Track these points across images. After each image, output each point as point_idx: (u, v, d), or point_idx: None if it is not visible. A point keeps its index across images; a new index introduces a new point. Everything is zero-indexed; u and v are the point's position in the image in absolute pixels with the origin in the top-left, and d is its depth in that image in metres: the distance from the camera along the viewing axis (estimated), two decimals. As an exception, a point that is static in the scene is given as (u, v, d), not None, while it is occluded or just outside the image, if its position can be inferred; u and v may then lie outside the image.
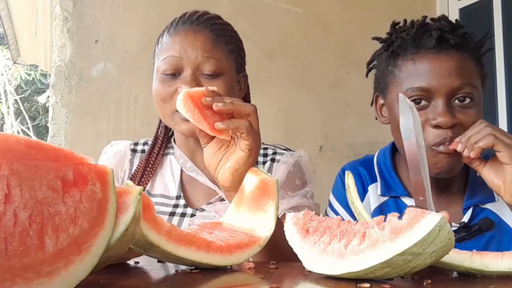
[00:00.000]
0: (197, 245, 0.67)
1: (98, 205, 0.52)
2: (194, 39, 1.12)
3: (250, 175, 0.85)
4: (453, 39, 1.04)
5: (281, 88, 2.72)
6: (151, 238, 0.62)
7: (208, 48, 1.11)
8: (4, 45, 8.78)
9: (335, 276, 0.62)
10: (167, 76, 1.12)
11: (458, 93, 1.02)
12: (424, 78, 1.03)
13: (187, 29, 1.14)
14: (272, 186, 0.81)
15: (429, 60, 1.04)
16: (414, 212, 0.58)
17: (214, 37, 1.13)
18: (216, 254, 0.69)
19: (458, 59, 1.03)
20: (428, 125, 1.02)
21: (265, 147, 1.26)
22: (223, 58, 1.13)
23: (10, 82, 9.71)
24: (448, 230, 0.57)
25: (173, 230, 0.65)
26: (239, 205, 0.84)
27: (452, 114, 1.01)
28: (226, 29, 1.20)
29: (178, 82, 1.10)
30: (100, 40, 2.57)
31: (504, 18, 2.66)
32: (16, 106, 9.79)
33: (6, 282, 0.43)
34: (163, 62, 1.12)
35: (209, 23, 1.16)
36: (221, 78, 1.12)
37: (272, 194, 0.81)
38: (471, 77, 1.04)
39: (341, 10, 2.82)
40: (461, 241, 1.05)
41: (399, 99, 0.86)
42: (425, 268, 0.60)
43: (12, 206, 0.47)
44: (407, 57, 1.07)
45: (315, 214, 0.72)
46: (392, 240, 0.58)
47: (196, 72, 1.11)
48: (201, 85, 1.09)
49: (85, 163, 0.54)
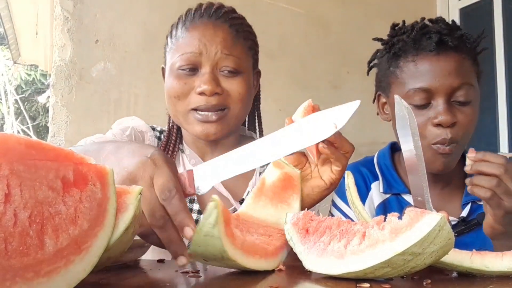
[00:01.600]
0: (259, 254, 0.67)
1: (98, 205, 0.52)
2: (214, 35, 1.06)
3: (272, 168, 0.83)
4: (451, 42, 1.09)
5: (281, 88, 2.72)
6: (230, 254, 0.61)
7: (228, 45, 1.06)
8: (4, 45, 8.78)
9: (335, 276, 0.62)
10: (184, 72, 1.06)
11: (457, 92, 1.07)
12: (425, 79, 1.08)
13: (206, 23, 1.08)
14: (296, 180, 0.80)
15: (429, 62, 1.09)
16: (414, 212, 0.58)
17: (233, 33, 1.08)
18: (268, 258, 0.68)
19: (456, 60, 1.09)
20: (430, 124, 1.07)
21: None
22: (242, 55, 1.09)
23: (10, 82, 9.71)
24: (448, 230, 0.57)
25: (244, 241, 0.64)
26: (258, 196, 0.81)
27: (452, 113, 1.06)
28: (244, 23, 1.15)
29: (196, 80, 1.05)
30: (100, 40, 2.57)
31: (504, 18, 2.66)
32: (16, 106, 9.79)
33: (6, 282, 0.43)
34: (179, 58, 1.06)
35: (228, 17, 1.10)
36: (240, 76, 1.07)
37: (296, 188, 0.80)
38: (469, 77, 1.09)
39: (341, 10, 2.82)
40: (460, 234, 1.10)
41: (395, 101, 0.87)
42: (425, 268, 0.60)
43: (12, 206, 0.47)
44: (408, 59, 1.12)
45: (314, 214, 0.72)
46: (392, 240, 0.57)
47: (215, 69, 1.05)
48: (220, 84, 1.05)
49: (85, 163, 0.54)
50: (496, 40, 2.66)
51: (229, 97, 1.06)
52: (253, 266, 0.65)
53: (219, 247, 0.59)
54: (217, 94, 1.04)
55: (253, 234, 0.72)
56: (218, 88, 1.04)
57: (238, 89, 1.07)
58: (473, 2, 2.81)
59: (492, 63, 2.64)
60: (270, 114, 2.73)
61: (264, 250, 0.68)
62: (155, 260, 0.83)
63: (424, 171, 0.87)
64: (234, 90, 1.06)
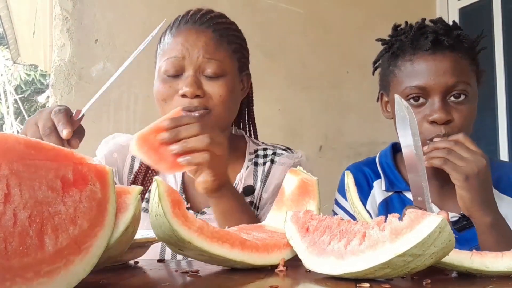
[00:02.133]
0: (230, 243, 0.66)
1: (98, 205, 0.52)
2: (196, 39, 1.11)
3: (290, 176, 0.84)
4: (447, 41, 1.11)
5: (281, 88, 2.72)
6: (182, 234, 0.61)
7: (210, 49, 1.11)
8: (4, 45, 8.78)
9: (334, 276, 0.62)
10: (169, 77, 1.11)
11: (453, 91, 1.10)
12: (421, 77, 1.11)
13: (190, 29, 1.13)
14: (312, 186, 0.81)
15: (425, 61, 1.12)
16: (415, 214, 0.58)
17: (216, 37, 1.12)
18: (251, 252, 0.68)
19: (452, 59, 1.11)
20: (425, 121, 1.10)
21: (265, 147, 1.26)
22: (225, 59, 1.13)
23: (10, 82, 9.70)
24: (448, 232, 0.57)
25: (205, 226, 0.64)
26: (280, 207, 0.83)
27: (447, 111, 1.09)
28: (230, 28, 1.19)
29: (180, 83, 1.10)
30: (100, 40, 2.57)
31: (504, 18, 2.66)
32: (16, 106, 9.78)
33: (6, 282, 0.43)
34: (165, 62, 1.11)
35: (212, 22, 1.14)
36: (222, 79, 1.11)
37: (312, 194, 0.80)
38: (465, 75, 1.11)
39: (341, 10, 2.82)
40: (462, 230, 1.11)
41: (395, 100, 0.90)
42: (425, 268, 0.60)
43: (11, 206, 0.47)
44: (405, 58, 1.15)
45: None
46: (392, 241, 0.57)
47: (198, 73, 1.10)
48: (202, 87, 1.09)
49: (85, 163, 0.54)
50: (496, 40, 2.66)
51: (211, 99, 1.10)
52: (221, 253, 0.64)
53: (168, 226, 0.61)
54: (199, 96, 1.09)
55: (250, 234, 0.72)
56: (199, 90, 1.08)
57: (220, 92, 1.10)
58: (473, 2, 2.81)
59: (491, 63, 2.64)
60: (270, 114, 2.75)
61: (240, 241, 0.67)
62: (155, 260, 0.83)
63: (424, 171, 0.88)
64: (216, 93, 1.10)
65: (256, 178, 1.21)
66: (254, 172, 1.21)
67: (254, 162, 1.23)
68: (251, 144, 1.27)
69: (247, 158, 1.24)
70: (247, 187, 1.19)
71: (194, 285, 0.61)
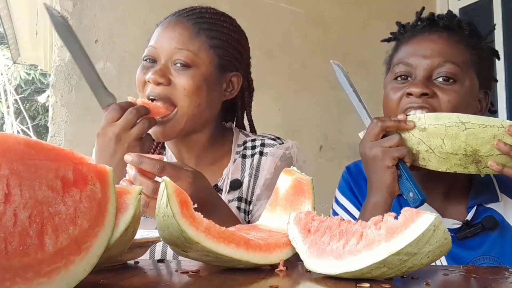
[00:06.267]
0: (236, 242, 0.66)
1: (98, 205, 0.52)
2: (172, 30, 1.11)
3: (284, 176, 0.84)
4: (443, 22, 1.09)
5: (281, 88, 2.72)
6: (190, 235, 0.61)
7: (183, 39, 1.10)
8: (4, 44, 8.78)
9: (334, 276, 0.62)
10: (146, 63, 1.13)
11: (439, 71, 1.05)
12: (409, 56, 1.09)
13: (171, 20, 1.14)
14: (307, 185, 0.80)
15: (419, 42, 1.10)
16: (410, 212, 0.59)
17: (194, 29, 1.11)
18: (255, 252, 0.68)
19: (446, 40, 1.08)
20: (404, 95, 1.06)
21: (254, 138, 1.23)
22: (200, 51, 1.10)
23: (10, 82, 9.71)
24: (443, 230, 0.57)
25: (211, 226, 0.64)
26: (274, 206, 0.83)
27: (425, 85, 1.03)
28: (217, 24, 1.16)
29: (152, 70, 1.10)
30: (100, 40, 2.57)
31: (504, 18, 2.66)
32: (16, 105, 9.78)
33: (6, 282, 0.43)
34: (145, 51, 1.14)
35: (197, 16, 1.13)
36: (191, 71, 1.09)
37: (307, 193, 0.80)
38: (457, 58, 1.06)
39: (341, 10, 2.82)
40: (464, 238, 1.07)
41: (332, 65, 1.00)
42: (425, 267, 0.60)
43: (12, 206, 0.47)
44: (404, 41, 1.13)
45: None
46: (388, 240, 0.58)
47: (169, 62, 1.10)
48: (168, 76, 1.08)
49: (85, 163, 0.54)
50: (496, 40, 2.66)
51: (175, 91, 1.09)
52: (227, 253, 0.64)
53: (177, 226, 0.60)
54: (162, 84, 1.08)
55: (249, 234, 0.72)
56: (162, 78, 1.08)
57: (184, 84, 1.08)
58: (473, 1, 2.81)
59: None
60: (270, 114, 2.75)
61: (245, 241, 0.67)
62: (155, 260, 0.83)
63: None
64: (180, 84, 1.08)
65: (244, 171, 1.18)
66: (242, 165, 1.19)
67: (242, 155, 1.20)
68: (240, 136, 1.24)
69: (235, 150, 1.21)
70: (234, 181, 1.16)
71: (194, 285, 0.61)
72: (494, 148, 0.94)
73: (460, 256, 1.06)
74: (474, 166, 0.96)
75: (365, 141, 1.02)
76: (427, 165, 1.00)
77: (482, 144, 0.93)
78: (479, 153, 0.94)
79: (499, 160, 0.95)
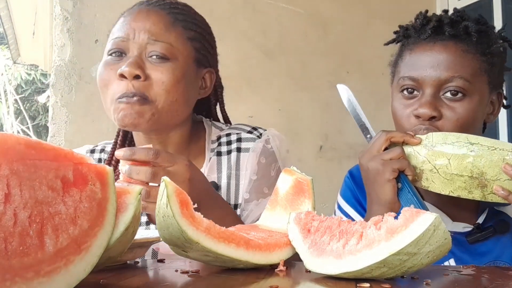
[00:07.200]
0: (236, 242, 0.66)
1: (98, 205, 0.52)
2: (145, 18, 1.01)
3: (284, 175, 0.83)
4: (448, 31, 1.03)
5: (281, 88, 2.72)
6: (191, 235, 0.61)
7: (158, 30, 1.00)
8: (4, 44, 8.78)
9: (334, 276, 0.62)
10: (111, 57, 1.01)
11: (447, 86, 1.00)
12: (415, 68, 1.03)
13: (141, 9, 1.03)
14: (307, 185, 0.80)
15: (423, 51, 1.04)
16: (410, 212, 0.59)
17: (169, 19, 1.02)
18: (255, 251, 0.68)
19: (453, 51, 1.02)
20: (411, 115, 1.02)
21: (228, 132, 1.13)
22: (177, 43, 1.02)
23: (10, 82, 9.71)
24: (443, 230, 0.57)
25: (211, 226, 0.64)
26: (274, 206, 0.83)
27: (433, 106, 0.99)
28: (191, 16, 1.08)
29: (122, 64, 0.99)
30: (100, 40, 2.57)
31: (504, 18, 2.66)
32: (16, 106, 9.78)
33: (6, 282, 0.43)
34: (110, 43, 1.02)
35: (170, 6, 1.05)
36: (169, 63, 1.00)
37: (307, 193, 0.80)
38: (465, 71, 1.01)
39: (341, 10, 2.82)
40: (475, 242, 1.05)
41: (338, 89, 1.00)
42: (425, 267, 0.60)
43: (12, 206, 0.47)
44: (408, 47, 1.08)
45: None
46: (388, 240, 0.58)
47: (143, 54, 1.00)
48: (143, 69, 0.98)
49: (85, 163, 0.54)
50: (496, 40, 2.66)
51: (152, 87, 0.98)
52: (227, 253, 0.64)
53: (177, 226, 0.60)
54: (138, 78, 0.97)
55: (249, 234, 0.72)
56: (138, 70, 0.97)
57: (163, 78, 0.98)
58: (473, 2, 2.81)
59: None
60: (270, 114, 2.75)
61: (245, 241, 0.67)
62: (155, 260, 0.83)
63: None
64: (158, 78, 0.98)
65: (220, 172, 1.09)
66: (217, 164, 1.10)
67: (216, 152, 1.11)
68: (213, 130, 1.15)
69: (209, 148, 1.12)
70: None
71: (194, 285, 0.61)
72: (501, 172, 0.89)
73: (471, 263, 1.04)
74: (479, 190, 0.92)
75: (366, 153, 0.99)
76: (430, 186, 0.96)
77: (489, 167, 0.89)
78: (486, 176, 0.90)
79: (506, 186, 0.90)
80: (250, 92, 2.62)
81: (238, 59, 2.62)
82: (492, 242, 1.06)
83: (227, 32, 2.49)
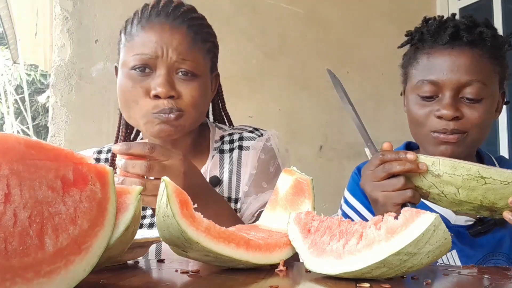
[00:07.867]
0: (236, 242, 0.66)
1: (98, 205, 0.52)
2: (171, 37, 1.05)
3: (284, 175, 0.84)
4: (466, 37, 1.07)
5: (281, 88, 2.72)
6: (190, 235, 0.61)
7: (184, 49, 1.05)
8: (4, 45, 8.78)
9: (334, 276, 0.62)
10: (138, 73, 1.05)
11: (466, 89, 1.06)
12: (434, 72, 1.08)
13: (163, 24, 1.06)
14: (307, 185, 0.80)
15: (442, 56, 1.09)
16: (410, 212, 0.59)
17: (191, 35, 1.07)
18: (255, 251, 0.68)
19: (470, 56, 1.07)
20: (432, 115, 1.07)
21: (231, 132, 1.20)
22: (199, 59, 1.08)
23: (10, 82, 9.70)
24: (443, 230, 0.57)
25: (211, 226, 0.64)
26: (274, 206, 0.83)
27: (455, 107, 1.05)
28: (203, 24, 1.14)
29: (151, 82, 1.04)
30: (100, 40, 2.57)
31: (504, 18, 2.66)
32: (16, 106, 9.78)
33: (6, 282, 0.43)
34: (134, 58, 1.05)
35: (186, 18, 1.09)
36: (196, 80, 1.07)
37: (307, 193, 0.80)
38: (482, 75, 1.06)
39: (341, 10, 2.82)
40: (476, 235, 1.10)
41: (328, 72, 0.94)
42: (424, 267, 0.60)
43: (12, 206, 0.47)
44: (424, 51, 1.13)
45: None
46: (388, 240, 0.58)
47: (171, 72, 1.05)
48: (175, 88, 1.04)
49: (85, 163, 0.54)
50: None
51: (182, 101, 1.05)
52: (227, 253, 0.64)
53: (177, 226, 0.60)
54: (172, 97, 1.04)
55: (249, 234, 0.72)
56: (173, 91, 1.03)
57: (192, 93, 1.05)
58: (473, 1, 2.81)
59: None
60: (270, 114, 2.75)
61: (245, 241, 0.67)
62: (155, 260, 0.83)
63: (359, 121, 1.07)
64: (188, 94, 1.05)
65: (222, 168, 1.15)
66: (220, 161, 1.16)
67: (219, 150, 1.17)
68: (216, 131, 1.22)
69: (213, 146, 1.18)
70: (212, 178, 1.13)
71: (194, 285, 0.61)
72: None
73: (472, 254, 1.09)
74: (487, 212, 0.91)
75: (367, 179, 0.97)
76: (436, 203, 0.95)
77: (501, 199, 0.87)
78: (496, 206, 0.88)
79: None
80: (250, 92, 2.62)
81: (238, 59, 2.62)
82: (492, 235, 1.11)
83: (227, 32, 2.49)
